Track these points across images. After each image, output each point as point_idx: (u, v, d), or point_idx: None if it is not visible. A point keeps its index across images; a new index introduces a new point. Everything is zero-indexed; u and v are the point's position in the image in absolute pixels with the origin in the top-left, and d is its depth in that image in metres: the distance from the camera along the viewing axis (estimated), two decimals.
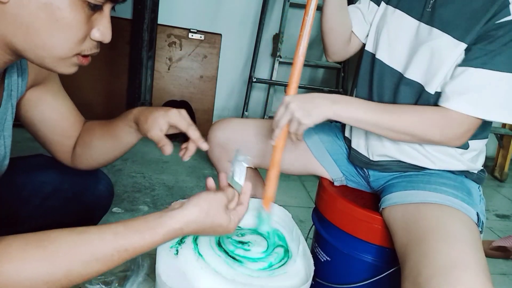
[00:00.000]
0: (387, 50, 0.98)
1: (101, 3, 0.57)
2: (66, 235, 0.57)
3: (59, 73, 0.61)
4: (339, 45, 1.07)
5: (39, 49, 0.56)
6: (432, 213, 0.81)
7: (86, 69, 0.67)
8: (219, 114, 2.82)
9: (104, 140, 0.86)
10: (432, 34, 0.89)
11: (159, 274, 0.71)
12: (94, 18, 0.58)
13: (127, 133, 0.84)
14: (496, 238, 1.86)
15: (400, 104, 0.94)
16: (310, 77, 2.92)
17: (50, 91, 0.82)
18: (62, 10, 0.54)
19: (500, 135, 2.86)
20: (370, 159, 1.02)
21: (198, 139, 0.79)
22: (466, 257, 0.69)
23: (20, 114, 0.81)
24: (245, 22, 2.73)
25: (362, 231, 0.96)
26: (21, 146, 0.93)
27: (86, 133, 0.89)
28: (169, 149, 0.78)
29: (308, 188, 2.19)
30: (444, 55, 0.86)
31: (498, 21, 0.81)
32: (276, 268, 0.77)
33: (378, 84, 0.99)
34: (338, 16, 1.01)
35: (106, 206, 1.00)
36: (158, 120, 0.78)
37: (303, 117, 0.84)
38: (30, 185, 0.87)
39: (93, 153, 0.88)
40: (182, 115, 0.79)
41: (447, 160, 0.94)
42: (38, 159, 0.92)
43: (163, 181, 1.99)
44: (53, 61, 0.58)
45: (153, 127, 0.78)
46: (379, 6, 1.02)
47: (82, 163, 0.90)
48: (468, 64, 0.83)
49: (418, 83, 0.91)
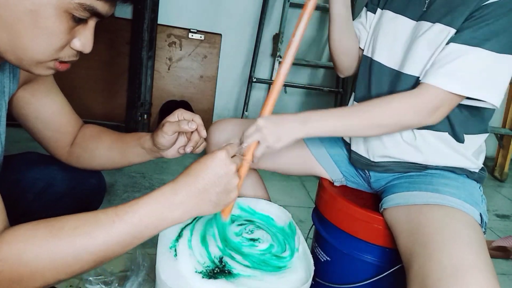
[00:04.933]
0: (385, 52, 0.99)
1: (85, 17, 0.58)
2: (76, 216, 0.58)
3: (34, 74, 0.62)
4: (350, 61, 1.11)
5: (19, 51, 0.57)
6: (436, 215, 0.80)
7: (86, 69, 0.68)
8: (219, 114, 2.82)
9: (110, 152, 0.89)
10: (424, 27, 0.90)
11: (159, 274, 0.71)
12: (77, 29, 0.60)
13: (136, 154, 0.87)
14: (496, 238, 1.86)
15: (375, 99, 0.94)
16: (310, 77, 2.92)
17: (42, 88, 0.83)
18: (47, 19, 0.55)
19: (500, 135, 2.86)
20: (371, 160, 1.02)
21: (201, 125, 0.82)
22: (473, 258, 0.69)
23: (14, 112, 0.82)
24: (245, 22, 2.72)
25: (362, 231, 0.96)
26: (21, 146, 0.94)
27: (92, 139, 0.90)
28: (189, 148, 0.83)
29: (308, 188, 2.19)
30: (437, 43, 0.87)
31: (484, 3, 0.82)
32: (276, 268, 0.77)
33: (376, 85, 1.00)
34: (345, 35, 1.05)
35: (100, 200, 1.01)
36: (164, 127, 0.80)
37: (274, 143, 0.84)
38: (23, 181, 0.87)
39: (95, 160, 0.90)
40: (184, 113, 0.82)
41: (448, 154, 0.94)
42: (28, 156, 0.93)
43: (163, 181, 1.99)
44: (31, 63, 0.59)
45: (161, 137, 0.81)
46: (375, 13, 1.05)
47: (78, 163, 0.91)
48: (450, 40, 0.84)
49: (416, 77, 0.92)
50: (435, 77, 0.83)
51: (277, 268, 0.78)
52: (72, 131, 0.90)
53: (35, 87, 0.82)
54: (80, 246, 0.55)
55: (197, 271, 0.72)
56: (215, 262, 0.75)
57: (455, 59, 0.82)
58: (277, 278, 0.75)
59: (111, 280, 1.14)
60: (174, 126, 0.79)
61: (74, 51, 0.62)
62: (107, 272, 1.17)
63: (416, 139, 0.94)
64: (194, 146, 0.84)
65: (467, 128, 0.94)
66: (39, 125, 0.85)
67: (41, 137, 0.87)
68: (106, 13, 0.60)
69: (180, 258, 0.74)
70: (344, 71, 1.14)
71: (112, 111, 2.60)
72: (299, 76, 2.87)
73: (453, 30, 0.85)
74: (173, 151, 0.86)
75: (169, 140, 0.81)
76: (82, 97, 2.50)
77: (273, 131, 0.84)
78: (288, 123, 0.86)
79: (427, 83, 0.84)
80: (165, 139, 0.80)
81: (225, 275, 0.72)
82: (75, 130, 0.91)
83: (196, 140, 0.84)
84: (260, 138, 0.84)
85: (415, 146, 0.95)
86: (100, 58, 2.53)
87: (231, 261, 0.76)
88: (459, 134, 0.93)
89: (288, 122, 0.86)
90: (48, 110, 0.84)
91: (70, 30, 0.58)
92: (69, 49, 0.61)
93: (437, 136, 0.94)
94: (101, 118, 2.54)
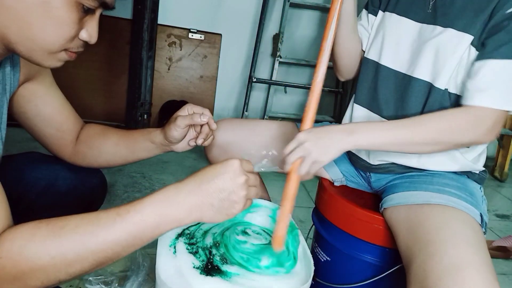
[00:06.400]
0: (390, 55, 0.98)
1: (94, 7, 0.60)
2: (78, 216, 0.58)
3: (45, 67, 0.63)
4: (352, 64, 1.09)
5: (30, 42, 0.58)
6: (437, 215, 0.80)
7: (86, 69, 0.69)
8: (219, 114, 2.82)
9: (117, 148, 0.91)
10: (435, 31, 0.89)
11: (159, 274, 0.71)
12: (85, 20, 0.62)
13: (144, 149, 0.90)
14: (496, 238, 1.86)
15: (416, 114, 0.91)
16: (310, 77, 2.91)
17: (42, 85, 0.84)
18: (59, 9, 0.57)
19: (500, 135, 2.86)
20: (371, 163, 1.02)
21: (211, 119, 0.85)
22: (473, 258, 0.69)
23: (14, 110, 0.82)
24: (245, 22, 2.73)
25: (362, 231, 0.96)
26: (22, 147, 0.94)
27: (97, 137, 0.91)
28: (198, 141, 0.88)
29: (308, 188, 2.19)
30: (449, 48, 0.86)
31: (508, 11, 0.80)
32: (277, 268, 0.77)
33: (383, 88, 0.98)
34: (351, 36, 1.03)
35: (101, 199, 1.02)
36: (177, 121, 0.83)
37: (320, 155, 0.80)
38: (25, 180, 0.88)
39: (101, 156, 0.91)
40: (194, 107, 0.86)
41: (448, 163, 0.94)
42: (30, 155, 0.93)
43: (163, 181, 1.99)
44: (42, 54, 0.60)
45: (173, 131, 0.84)
46: (377, 15, 1.04)
47: (83, 162, 0.92)
48: (485, 56, 0.82)
49: (426, 81, 0.91)
50: (488, 98, 0.81)
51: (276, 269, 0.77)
52: (73, 129, 0.90)
53: (35, 85, 0.82)
54: (80, 244, 0.56)
55: (194, 266, 0.72)
56: (206, 254, 0.75)
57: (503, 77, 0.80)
58: (277, 278, 0.74)
59: (111, 280, 1.14)
60: (187, 120, 0.83)
61: (81, 41, 0.63)
62: (107, 272, 1.17)
63: None
64: (204, 138, 0.88)
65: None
66: (40, 123, 0.85)
67: (42, 135, 0.87)
68: (111, 3, 0.62)
69: (179, 254, 0.74)
70: (346, 74, 1.12)
71: (112, 111, 2.61)
72: (299, 76, 2.88)
73: (469, 36, 0.84)
74: (184, 144, 0.90)
75: (181, 133, 0.85)
76: (82, 97, 2.50)
77: (318, 144, 0.80)
78: (334, 134, 0.82)
79: (482, 106, 0.81)
80: (178, 132, 0.84)
81: (220, 273, 0.72)
82: (77, 128, 0.91)
83: (206, 132, 0.88)
84: (303, 154, 0.80)
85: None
86: (100, 58, 2.54)
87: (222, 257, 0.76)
88: None
89: (333, 133, 0.82)
90: (48, 108, 0.85)
91: (80, 20, 0.60)
92: (78, 39, 0.62)
93: None
94: (101, 118, 2.54)
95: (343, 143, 0.82)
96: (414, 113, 0.92)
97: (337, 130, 0.83)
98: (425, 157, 0.95)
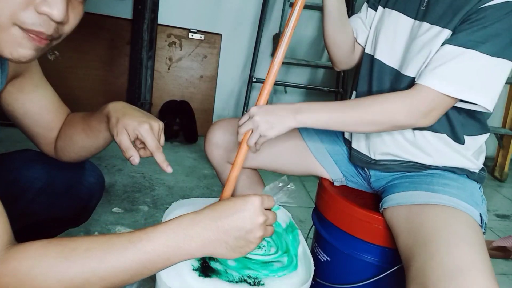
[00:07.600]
0: (386, 50, 0.99)
1: None
2: (90, 238, 0.56)
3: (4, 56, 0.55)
4: (344, 55, 1.10)
5: None
6: (437, 215, 0.80)
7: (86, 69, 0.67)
8: (219, 114, 2.82)
9: (84, 135, 0.83)
10: (422, 28, 0.90)
11: (159, 274, 0.71)
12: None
13: (102, 130, 0.80)
14: (496, 238, 1.86)
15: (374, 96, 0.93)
16: (310, 77, 2.92)
17: (30, 83, 0.81)
18: None
19: (500, 135, 2.86)
20: (372, 158, 1.02)
21: (162, 162, 0.73)
22: (473, 259, 0.69)
23: (4, 108, 0.80)
24: (245, 22, 2.73)
25: (362, 231, 0.96)
26: (21, 146, 0.93)
27: (68, 127, 0.86)
28: (136, 160, 0.71)
29: (308, 188, 2.19)
30: (434, 46, 0.87)
31: (481, 6, 0.81)
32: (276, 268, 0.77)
33: (378, 83, 1.00)
34: (338, 29, 1.04)
35: (98, 197, 1.00)
36: (128, 128, 0.72)
37: (266, 130, 0.85)
38: (22, 181, 0.86)
39: (74, 147, 0.86)
40: (154, 132, 0.73)
41: (449, 154, 0.94)
42: (26, 154, 0.91)
43: (163, 181, 1.99)
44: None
45: (121, 132, 0.72)
46: (377, 10, 1.05)
47: (64, 156, 0.88)
48: (445, 42, 0.84)
49: (413, 78, 0.91)
50: (429, 78, 0.83)
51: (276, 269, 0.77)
52: (59, 127, 0.87)
53: (23, 82, 0.79)
54: (89, 270, 0.54)
55: (193, 267, 0.72)
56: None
57: (449, 60, 0.82)
58: (276, 278, 0.75)
59: None
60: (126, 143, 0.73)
61: (41, 17, 0.53)
62: None
63: (416, 138, 0.94)
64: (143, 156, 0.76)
65: (467, 129, 0.94)
66: (27, 121, 0.83)
67: (31, 134, 0.85)
68: None
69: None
70: (338, 64, 1.13)
71: None
72: (299, 76, 2.88)
73: (449, 32, 0.85)
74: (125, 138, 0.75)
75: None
76: (82, 97, 2.50)
77: (266, 119, 0.85)
78: (280, 111, 0.87)
79: (421, 84, 0.84)
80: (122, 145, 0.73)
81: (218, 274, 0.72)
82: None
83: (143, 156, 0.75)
84: (253, 126, 0.85)
85: (415, 145, 0.95)
86: (100, 58, 2.54)
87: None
88: (459, 135, 0.93)
89: (280, 110, 0.87)
90: (35, 106, 0.82)
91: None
92: (34, 13, 0.52)
93: (437, 137, 0.94)
94: None
95: (289, 120, 0.86)
96: None
97: (285, 108, 0.87)
98: (426, 153, 0.95)
